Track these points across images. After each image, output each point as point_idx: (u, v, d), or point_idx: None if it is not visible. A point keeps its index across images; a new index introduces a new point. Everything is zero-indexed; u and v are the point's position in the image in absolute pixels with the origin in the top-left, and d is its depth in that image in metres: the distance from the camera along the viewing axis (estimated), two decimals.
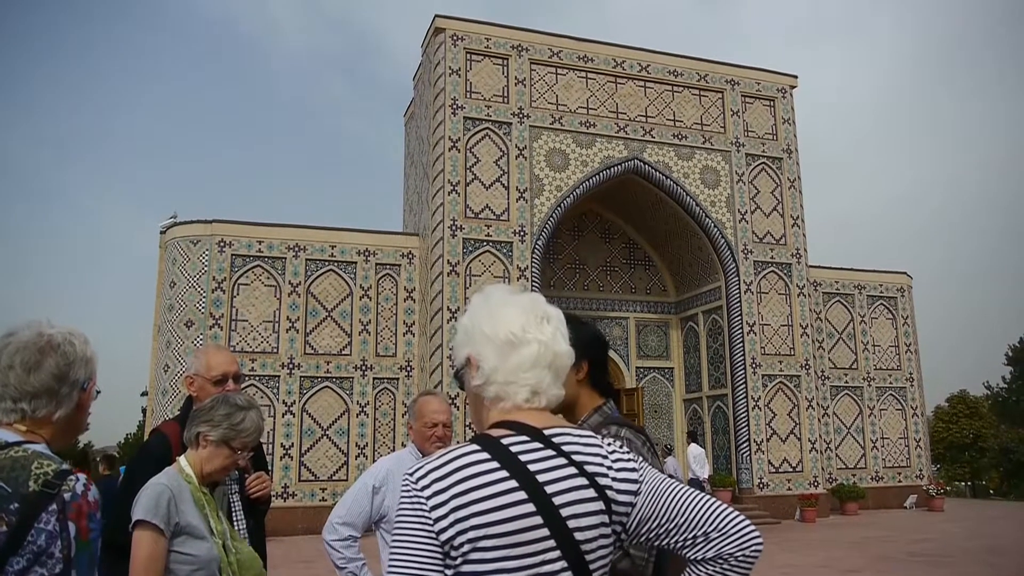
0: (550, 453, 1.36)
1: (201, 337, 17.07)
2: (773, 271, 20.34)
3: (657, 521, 1.39)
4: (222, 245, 17.66)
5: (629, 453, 1.45)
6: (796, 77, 21.84)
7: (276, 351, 17.57)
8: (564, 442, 1.39)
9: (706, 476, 16.74)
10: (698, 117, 20.46)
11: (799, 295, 20.43)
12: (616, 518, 1.38)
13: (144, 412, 25.34)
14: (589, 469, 1.37)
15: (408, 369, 18.36)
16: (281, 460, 17.07)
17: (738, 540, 1.36)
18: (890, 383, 22.63)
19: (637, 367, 21.56)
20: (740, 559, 1.36)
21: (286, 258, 18.01)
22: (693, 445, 16.82)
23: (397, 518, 1.34)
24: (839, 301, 22.57)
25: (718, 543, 1.36)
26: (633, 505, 1.39)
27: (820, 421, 20.39)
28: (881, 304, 23.10)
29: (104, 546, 2.74)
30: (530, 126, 18.66)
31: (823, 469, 20.09)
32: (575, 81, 19.45)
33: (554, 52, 19.33)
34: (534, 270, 18.03)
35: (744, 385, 19.34)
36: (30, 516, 1.44)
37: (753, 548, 1.37)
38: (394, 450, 17.49)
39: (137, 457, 3.16)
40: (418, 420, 3.57)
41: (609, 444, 1.44)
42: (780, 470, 19.25)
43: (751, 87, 21.16)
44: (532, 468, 1.33)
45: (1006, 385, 46.18)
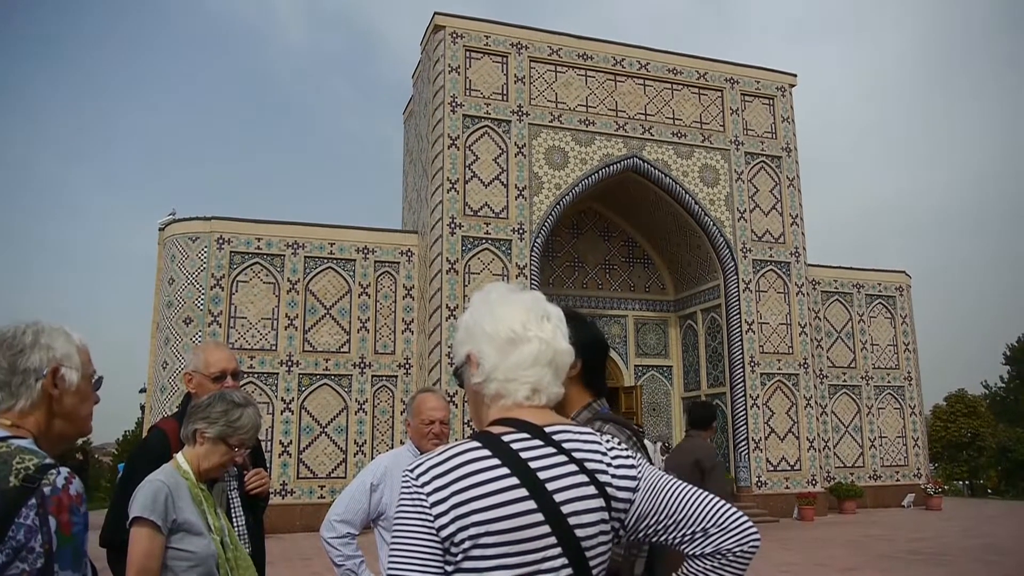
0: (551, 450, 1.37)
1: (200, 334, 17.06)
2: (772, 270, 20.35)
3: (656, 517, 1.40)
4: (221, 242, 17.65)
5: (628, 450, 1.46)
6: (795, 76, 21.83)
7: (275, 348, 17.56)
8: (564, 439, 1.40)
9: None
10: (697, 115, 20.46)
11: (798, 294, 20.44)
12: (615, 514, 1.39)
13: (143, 409, 25.30)
14: (589, 466, 1.38)
15: (407, 367, 18.36)
16: (280, 457, 17.07)
17: (736, 536, 1.38)
18: (888, 382, 22.64)
19: (636, 365, 21.57)
20: (738, 555, 1.38)
21: (285, 255, 18.00)
22: None
23: (397, 514, 1.35)
24: (838, 300, 22.57)
25: (716, 539, 1.37)
26: (632, 502, 1.40)
27: (818, 420, 20.40)
28: (880, 303, 23.11)
29: (106, 544, 2.76)
30: (529, 124, 18.65)
31: (821, 468, 20.11)
32: (574, 79, 19.44)
33: (553, 50, 19.32)
34: (533, 268, 18.03)
35: (742, 384, 19.35)
36: (9, 511, 1.42)
37: (751, 544, 1.39)
38: (392, 447, 17.48)
39: (136, 454, 3.17)
40: (415, 417, 3.58)
41: (608, 441, 1.45)
42: (778, 468, 19.27)
43: (750, 85, 21.16)
44: (533, 465, 1.34)
45: (1004, 384, 46.21)
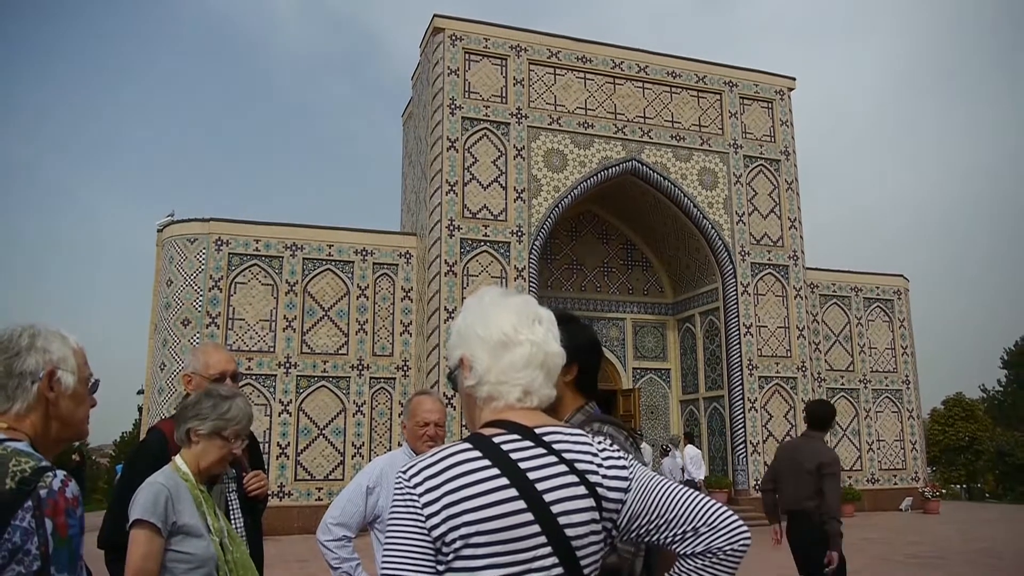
0: (541, 451, 1.39)
1: (198, 336, 17.05)
2: (770, 273, 20.36)
3: (647, 517, 1.42)
4: (219, 244, 17.64)
5: (619, 451, 1.48)
6: (794, 79, 21.87)
7: (273, 350, 17.56)
8: (555, 440, 1.42)
9: (702, 477, 16.76)
10: (696, 118, 20.48)
11: (796, 297, 20.46)
12: (606, 515, 1.40)
13: (140, 410, 25.29)
14: (579, 467, 1.40)
15: (405, 369, 18.36)
16: (277, 459, 17.06)
17: (726, 535, 1.40)
18: (886, 385, 22.66)
19: (634, 368, 21.57)
20: (728, 553, 1.40)
21: (283, 257, 17.99)
22: (690, 446, 16.85)
23: (390, 515, 1.37)
24: (836, 303, 22.59)
25: (707, 538, 1.39)
26: (623, 502, 1.41)
27: None
28: (878, 306, 23.13)
29: (104, 545, 2.76)
30: (528, 126, 18.66)
31: None
32: (573, 82, 19.46)
33: (553, 52, 19.34)
34: (531, 270, 18.03)
35: (740, 387, 19.36)
36: (5, 514, 1.42)
37: (741, 543, 1.41)
38: (390, 449, 17.47)
39: (134, 455, 3.17)
40: (411, 419, 3.60)
41: (599, 442, 1.47)
42: None
43: (749, 89, 21.19)
44: (523, 466, 1.36)
45: (1002, 388, 46.25)
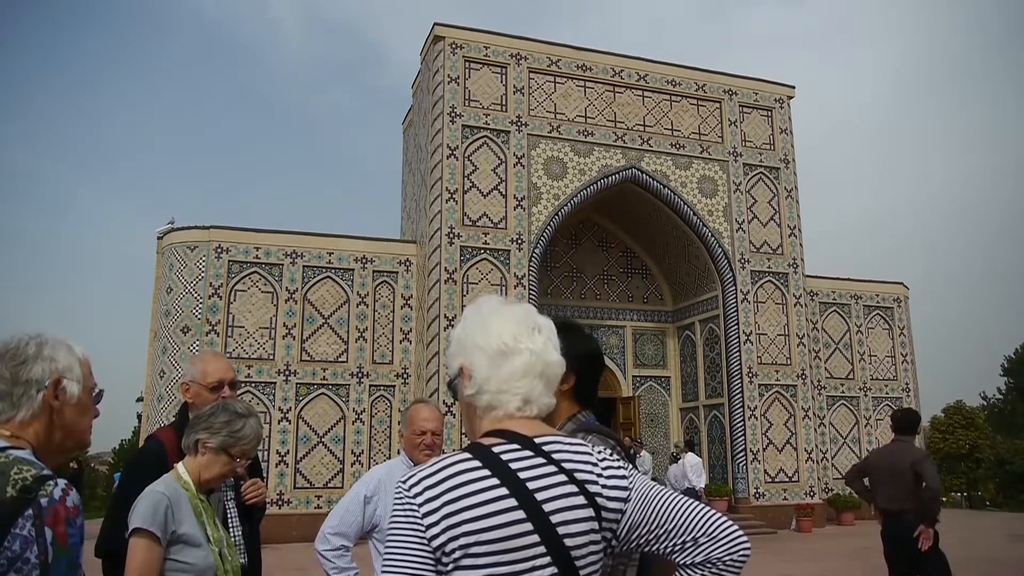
0: (540, 461, 1.39)
1: (198, 343, 17.04)
2: (770, 281, 20.37)
3: (647, 527, 1.41)
4: (219, 251, 17.65)
5: (619, 461, 1.47)
6: (793, 88, 21.93)
7: (272, 358, 17.55)
8: (554, 450, 1.42)
9: (702, 486, 16.71)
10: (696, 126, 20.52)
11: (796, 305, 20.46)
12: (606, 525, 1.40)
13: (139, 418, 25.26)
14: (579, 477, 1.39)
15: (405, 377, 18.34)
16: (276, 467, 17.02)
17: (726, 545, 1.40)
18: (886, 393, 22.64)
19: (634, 376, 21.55)
20: (728, 563, 1.40)
21: (283, 264, 18.00)
22: (690, 454, 16.78)
23: (390, 525, 1.37)
24: (836, 311, 22.59)
25: (707, 548, 1.39)
26: (623, 512, 1.41)
27: (816, 431, 20.38)
28: (878, 314, 23.12)
29: (102, 553, 2.76)
30: (528, 134, 18.70)
31: (819, 479, 20.08)
32: (573, 90, 19.51)
33: (553, 61, 19.40)
34: (531, 278, 18.04)
35: (740, 394, 19.34)
36: (5, 522, 1.42)
37: (741, 553, 1.41)
38: (390, 458, 17.44)
39: (132, 464, 3.17)
40: (408, 427, 3.61)
41: (599, 452, 1.47)
42: (776, 480, 19.23)
43: (749, 97, 21.24)
44: (522, 476, 1.36)
45: (1002, 396, 46.22)
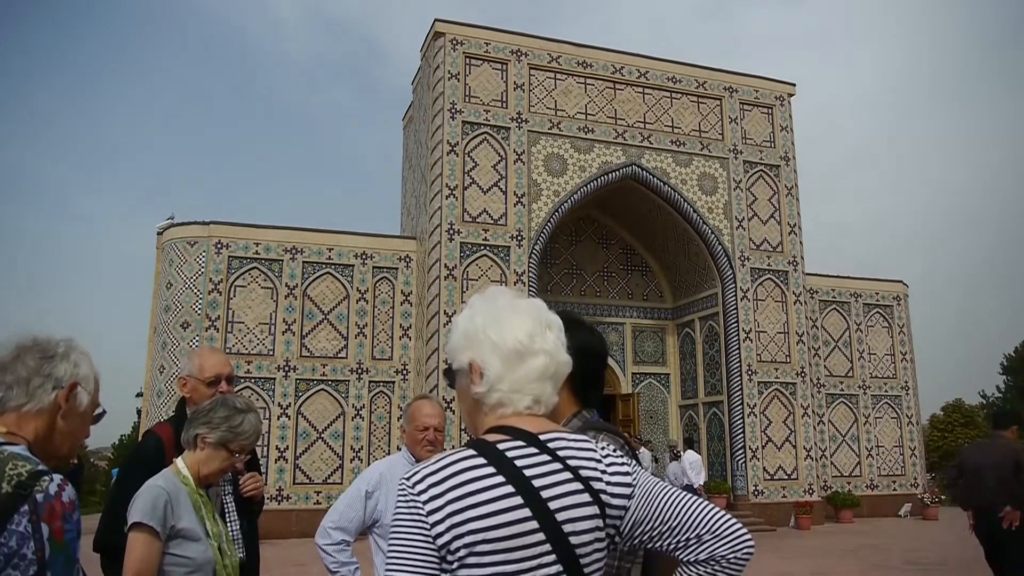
0: (546, 458, 1.37)
1: (197, 339, 17.04)
2: (770, 278, 20.36)
3: (650, 524, 1.41)
4: (219, 247, 17.65)
5: (622, 456, 1.46)
6: (794, 85, 21.91)
7: (272, 353, 17.55)
8: (559, 447, 1.40)
9: (701, 483, 16.72)
10: (696, 124, 20.51)
11: (795, 302, 20.46)
12: (610, 521, 1.39)
13: (139, 413, 25.26)
14: (584, 474, 1.38)
15: (404, 372, 18.35)
16: (276, 463, 17.04)
17: (730, 542, 1.39)
18: (885, 391, 22.65)
19: (633, 373, 21.56)
20: (732, 561, 1.39)
21: (283, 260, 18.00)
22: (690, 452, 16.79)
23: (394, 523, 1.35)
24: (835, 309, 22.60)
25: (711, 545, 1.39)
26: (627, 508, 1.40)
27: (815, 429, 20.39)
28: (877, 312, 23.13)
29: (100, 548, 2.76)
30: (528, 131, 18.68)
31: (818, 477, 20.09)
32: (574, 86, 19.49)
33: (553, 57, 19.37)
34: (531, 275, 18.03)
35: (740, 392, 19.35)
36: (1, 518, 1.42)
37: (745, 550, 1.40)
38: (389, 453, 17.45)
39: (130, 459, 3.17)
40: (410, 423, 3.60)
41: (603, 447, 1.45)
42: (775, 477, 19.25)
43: (749, 95, 21.21)
44: (528, 473, 1.34)
45: (1001, 394, 46.22)
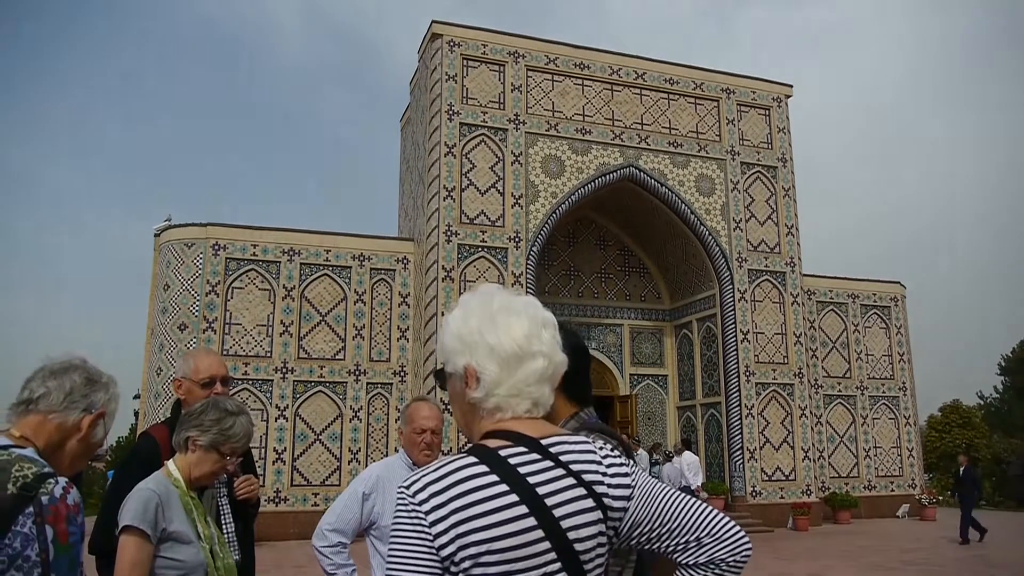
0: (548, 464, 1.35)
1: (194, 340, 17.01)
2: (767, 279, 20.37)
3: (650, 525, 1.39)
4: (216, 248, 17.63)
5: (621, 456, 1.45)
6: (791, 87, 21.93)
7: (270, 355, 17.53)
8: (561, 451, 1.38)
9: (699, 484, 16.73)
10: (693, 125, 20.52)
11: (793, 304, 20.47)
12: (611, 523, 1.38)
13: (136, 415, 25.25)
14: (586, 478, 1.36)
15: (402, 374, 18.33)
16: (273, 465, 17.01)
17: (730, 545, 1.38)
18: (883, 392, 22.67)
19: (631, 374, 21.56)
20: (731, 564, 1.38)
21: (280, 262, 17.98)
22: (687, 453, 16.80)
23: (394, 531, 1.31)
24: (833, 310, 22.62)
25: (710, 548, 1.38)
26: (626, 510, 1.39)
27: (813, 430, 20.40)
28: (875, 313, 23.15)
29: (95, 551, 2.75)
30: (526, 132, 18.69)
31: (816, 478, 20.09)
32: (571, 88, 19.49)
33: (551, 59, 19.38)
34: (529, 276, 18.03)
35: (737, 393, 19.35)
36: (6, 519, 1.42)
37: (744, 554, 1.39)
38: (387, 455, 17.43)
39: (126, 461, 3.16)
40: (408, 425, 3.59)
41: (602, 448, 1.44)
42: (773, 478, 19.25)
43: (746, 96, 21.23)
44: (531, 480, 1.32)
45: (999, 395, 46.31)
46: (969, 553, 14.08)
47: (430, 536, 1.27)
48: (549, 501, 1.31)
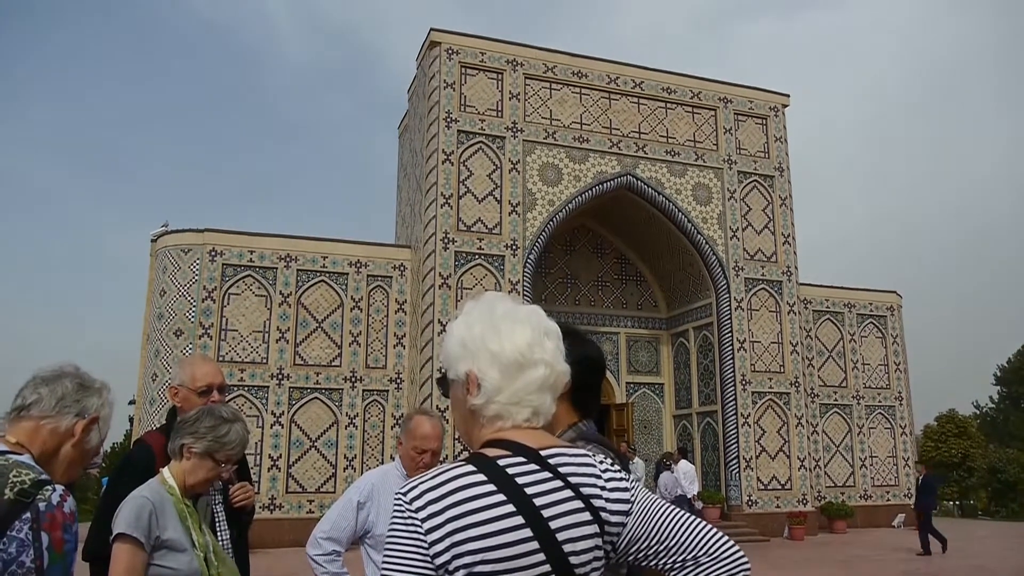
0: (547, 475, 1.34)
1: (190, 346, 16.98)
2: (764, 288, 20.40)
3: (647, 542, 1.38)
4: (213, 254, 17.62)
5: (620, 471, 1.44)
6: (788, 96, 22.01)
7: (266, 361, 17.49)
8: (560, 463, 1.37)
9: (695, 493, 16.71)
10: (691, 134, 20.58)
11: (789, 313, 20.49)
12: (608, 538, 1.37)
13: (131, 421, 25.15)
14: (585, 491, 1.35)
15: (398, 381, 18.31)
16: (269, 471, 16.96)
17: (728, 564, 1.37)
18: (879, 401, 22.68)
19: (627, 382, 21.56)
20: None
21: (277, 268, 17.97)
22: (683, 462, 16.79)
23: (389, 537, 1.31)
24: (829, 319, 22.64)
25: (708, 568, 1.37)
26: (624, 525, 1.38)
27: (809, 439, 20.40)
28: (871, 323, 23.18)
29: (89, 557, 2.74)
30: (524, 140, 18.72)
31: (812, 487, 20.09)
32: (569, 96, 19.55)
33: (548, 67, 19.43)
34: (526, 284, 18.03)
35: (734, 402, 19.35)
36: (2, 524, 1.42)
37: (741, 573, 1.38)
38: (383, 463, 17.39)
39: (120, 468, 3.15)
40: (408, 440, 3.54)
41: (601, 461, 1.43)
42: (769, 487, 19.24)
43: (743, 105, 21.30)
44: (529, 491, 1.31)
45: (994, 405, 46.41)
46: (966, 563, 14.07)
47: (425, 543, 1.26)
48: (546, 513, 1.30)
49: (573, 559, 1.30)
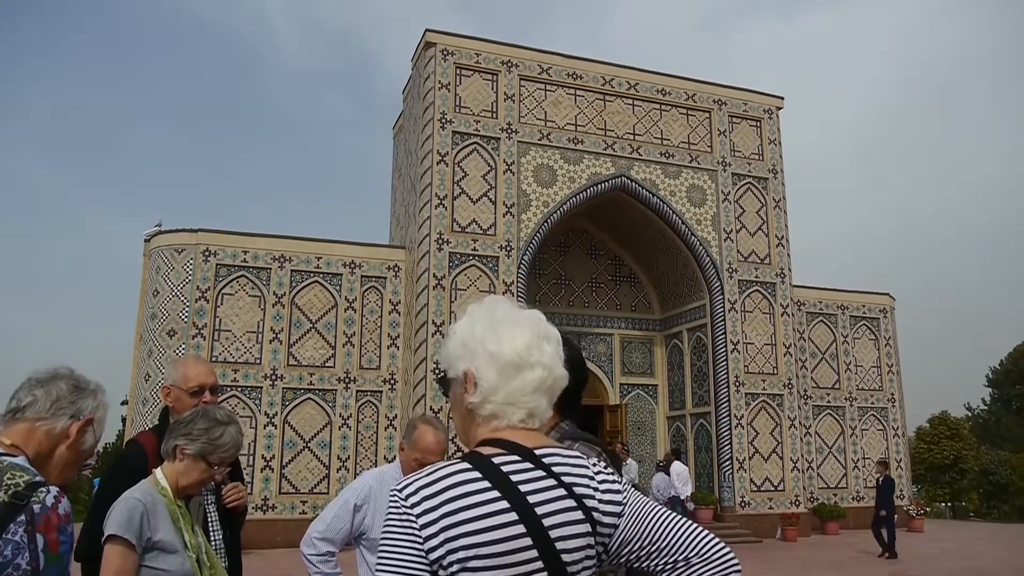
0: (541, 474, 1.36)
1: (184, 347, 16.93)
2: (757, 290, 20.45)
3: (639, 544, 1.40)
4: (207, 254, 17.57)
5: (613, 474, 1.46)
6: (782, 98, 22.08)
7: (259, 362, 17.46)
8: (554, 463, 1.39)
9: (688, 494, 16.74)
10: (685, 136, 20.62)
11: (783, 314, 20.55)
12: (600, 539, 1.38)
13: (124, 421, 25.06)
14: (578, 491, 1.37)
15: (392, 382, 18.29)
16: (262, 472, 16.92)
17: (719, 565, 1.39)
18: (872, 403, 22.75)
19: (621, 384, 21.57)
20: None
21: (271, 268, 17.94)
22: (676, 463, 16.82)
23: (384, 533, 1.33)
24: (822, 321, 22.71)
25: (699, 569, 1.38)
26: (616, 527, 1.39)
27: (802, 440, 20.45)
28: (864, 325, 23.26)
29: (81, 558, 2.73)
30: (518, 141, 18.73)
31: (805, 488, 20.14)
32: (564, 98, 19.57)
33: (543, 69, 19.45)
34: (520, 285, 18.04)
35: (727, 403, 19.39)
36: None
37: (732, 574, 1.39)
38: (376, 464, 17.38)
39: (112, 468, 3.14)
40: (411, 448, 3.47)
41: (595, 464, 1.45)
42: (762, 489, 19.28)
43: (738, 107, 21.36)
44: (523, 489, 1.33)
45: (987, 407, 46.62)
46: (958, 564, 14.12)
47: (420, 539, 1.28)
48: (539, 510, 1.32)
49: (565, 556, 1.32)
